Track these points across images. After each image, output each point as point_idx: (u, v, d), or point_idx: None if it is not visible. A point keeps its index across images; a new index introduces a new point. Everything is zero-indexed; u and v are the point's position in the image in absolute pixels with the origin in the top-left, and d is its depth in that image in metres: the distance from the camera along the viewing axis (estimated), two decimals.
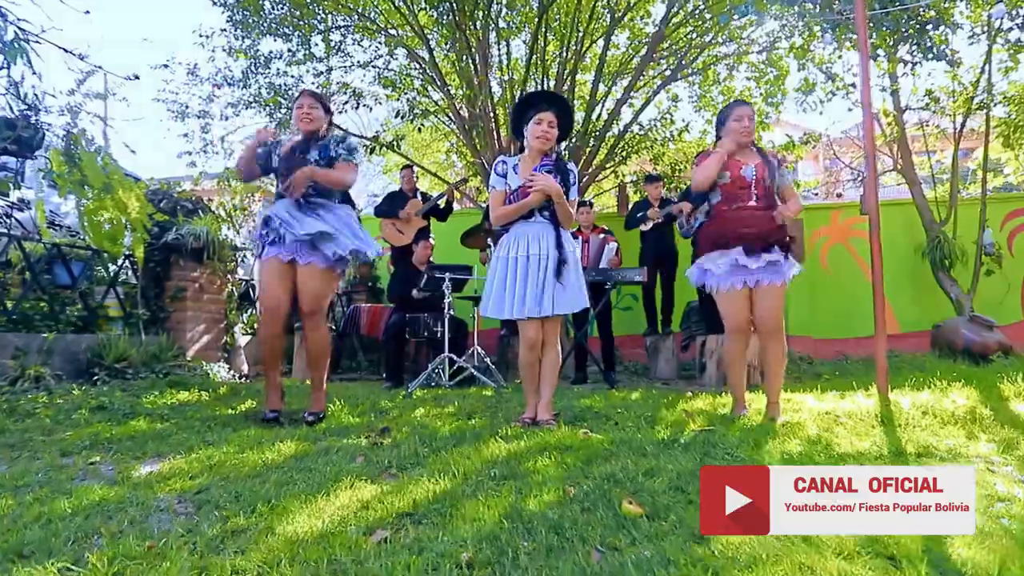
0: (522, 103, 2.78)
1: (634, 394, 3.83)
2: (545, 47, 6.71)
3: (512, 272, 2.58)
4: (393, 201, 5.35)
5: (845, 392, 3.57)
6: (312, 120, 2.80)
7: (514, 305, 2.55)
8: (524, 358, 2.65)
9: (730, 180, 2.79)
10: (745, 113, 2.77)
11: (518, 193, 2.61)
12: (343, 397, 3.59)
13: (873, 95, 12.12)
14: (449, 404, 3.34)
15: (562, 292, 2.57)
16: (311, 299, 2.72)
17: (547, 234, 2.61)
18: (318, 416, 2.77)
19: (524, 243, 2.60)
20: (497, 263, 2.65)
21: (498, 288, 2.61)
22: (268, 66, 6.49)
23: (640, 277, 4.44)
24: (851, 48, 6.48)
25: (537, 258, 2.57)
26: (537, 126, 2.62)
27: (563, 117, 2.68)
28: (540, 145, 2.63)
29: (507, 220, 2.64)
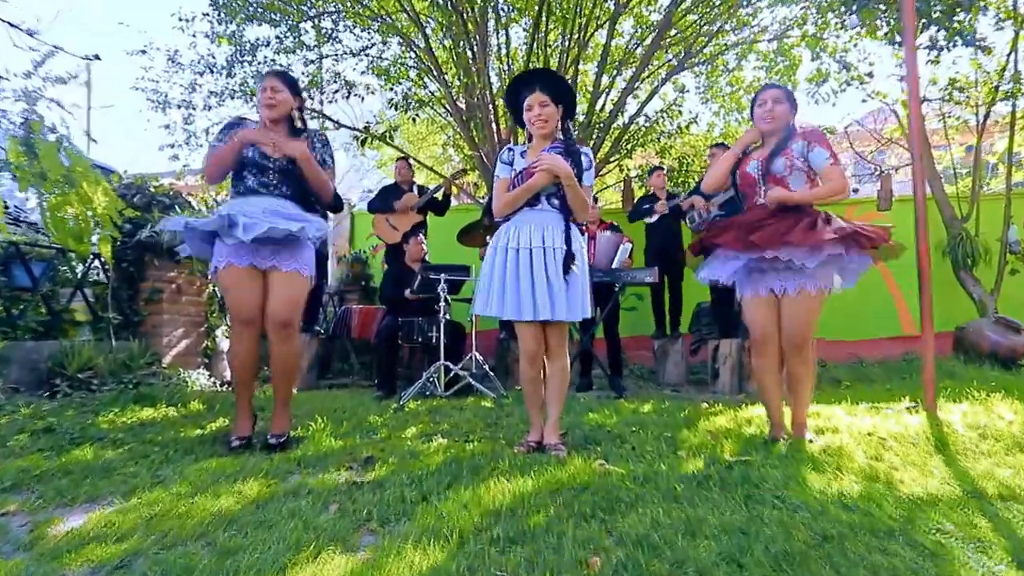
0: (512, 89, 2.44)
1: (646, 406, 3.52)
2: (546, 35, 6.37)
3: (513, 266, 2.25)
4: (387, 195, 5.02)
5: (876, 404, 3.26)
6: (276, 104, 2.45)
7: (511, 304, 2.22)
8: (525, 372, 2.33)
9: (739, 179, 2.49)
10: (768, 96, 2.44)
11: (523, 176, 2.29)
12: (328, 411, 3.28)
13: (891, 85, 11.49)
14: (444, 420, 3.03)
15: (568, 295, 2.24)
16: (289, 308, 2.40)
17: (555, 225, 2.28)
18: (280, 438, 2.41)
19: (527, 233, 2.27)
20: (495, 254, 2.31)
21: (496, 284, 2.27)
22: (254, 54, 6.13)
23: (651, 278, 4.13)
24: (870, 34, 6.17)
25: (542, 251, 2.24)
26: (529, 112, 2.31)
27: (558, 92, 2.34)
28: (539, 130, 2.31)
29: (512, 207, 2.30)
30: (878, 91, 6.53)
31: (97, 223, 3.68)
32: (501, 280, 2.26)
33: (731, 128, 7.65)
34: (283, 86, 2.48)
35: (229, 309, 2.45)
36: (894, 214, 6.25)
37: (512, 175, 2.33)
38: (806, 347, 2.43)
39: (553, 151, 2.29)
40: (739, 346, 4.51)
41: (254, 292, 2.38)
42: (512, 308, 2.21)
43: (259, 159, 2.46)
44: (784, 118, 2.45)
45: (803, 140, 2.39)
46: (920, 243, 2.78)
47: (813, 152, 2.36)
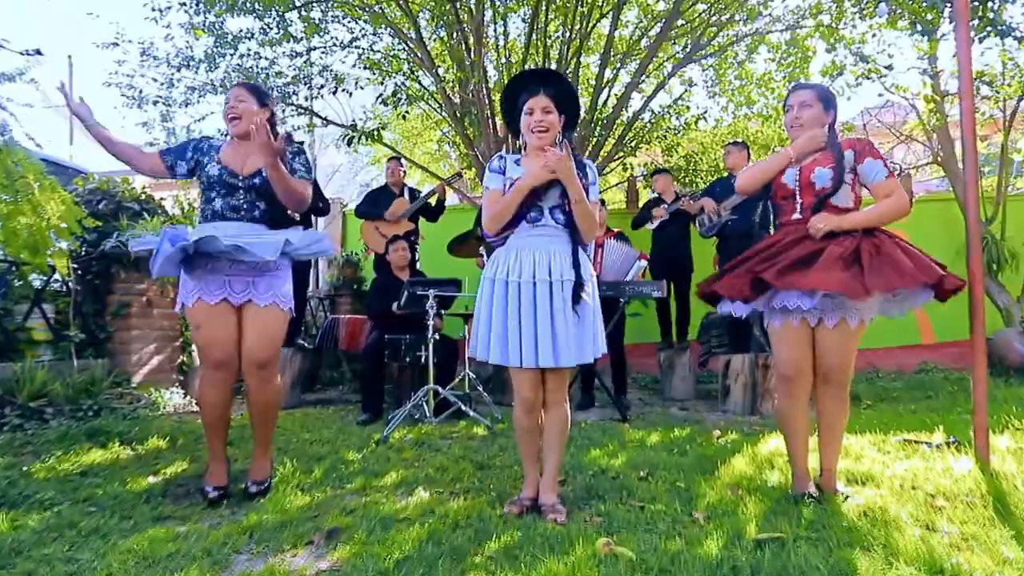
0: (510, 88, 2.11)
1: (653, 435, 3.21)
2: (546, 25, 6.00)
3: (514, 303, 1.92)
4: (377, 199, 4.69)
5: (908, 438, 2.95)
6: (239, 117, 2.20)
7: (512, 348, 1.90)
8: (520, 423, 2.02)
9: (774, 190, 2.15)
10: (795, 100, 2.11)
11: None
12: (303, 444, 2.98)
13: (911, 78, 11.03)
14: (430, 458, 2.72)
15: (577, 332, 1.93)
16: (267, 347, 2.13)
17: (561, 249, 1.96)
18: (261, 485, 2.18)
19: (530, 261, 1.94)
20: (493, 287, 1.98)
21: (498, 325, 1.95)
22: (236, 46, 5.78)
23: (658, 292, 3.80)
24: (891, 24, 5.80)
25: (547, 285, 1.92)
26: (529, 117, 1.97)
27: (564, 98, 2.02)
28: (538, 140, 1.98)
29: (504, 219, 1.96)
30: (897, 85, 6.16)
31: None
32: (502, 320, 1.94)
33: (739, 124, 7.29)
34: (249, 96, 2.23)
35: (200, 350, 2.17)
36: (914, 216, 5.89)
37: (505, 185, 2.00)
38: (846, 385, 2.12)
39: None
40: (752, 362, 4.19)
41: (227, 330, 2.10)
42: (512, 353, 1.89)
43: (227, 177, 2.18)
44: (816, 123, 2.12)
45: (851, 150, 2.06)
46: (972, 261, 2.44)
47: (864, 165, 2.04)
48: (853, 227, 2.00)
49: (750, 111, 7.14)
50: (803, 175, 2.08)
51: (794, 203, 2.10)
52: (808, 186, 2.07)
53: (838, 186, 2.02)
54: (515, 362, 1.90)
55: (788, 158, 2.08)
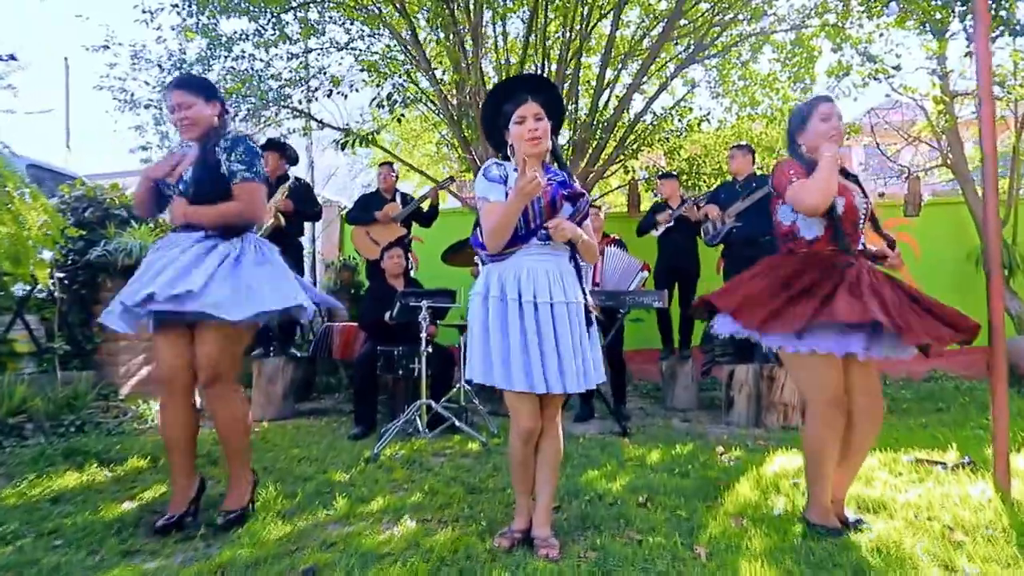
0: (494, 97, 1.96)
1: (653, 453, 3.09)
2: (546, 25, 5.88)
3: (525, 323, 1.78)
4: (367, 205, 4.58)
5: (920, 457, 2.83)
6: (190, 124, 2.02)
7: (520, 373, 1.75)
8: (517, 452, 1.89)
9: (843, 211, 1.95)
10: (835, 111, 2.00)
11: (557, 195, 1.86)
12: (289, 462, 2.88)
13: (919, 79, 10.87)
14: (420, 480, 2.61)
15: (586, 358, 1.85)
16: (214, 363, 1.97)
17: (566, 273, 1.87)
18: (231, 515, 2.03)
19: (544, 281, 1.81)
20: (488, 306, 1.83)
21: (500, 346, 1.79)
22: (230, 48, 5.67)
23: (659, 303, 3.68)
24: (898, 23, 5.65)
25: (564, 307, 1.81)
26: (519, 126, 1.85)
27: (552, 105, 1.91)
28: (532, 149, 1.86)
29: (506, 236, 1.80)
30: (906, 85, 6.02)
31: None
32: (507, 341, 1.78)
33: (743, 126, 7.15)
34: (193, 97, 2.03)
35: (156, 371, 2.05)
36: (923, 219, 5.78)
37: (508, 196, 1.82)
38: (881, 411, 2.01)
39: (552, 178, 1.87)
40: (756, 373, 4.07)
41: (176, 347, 1.97)
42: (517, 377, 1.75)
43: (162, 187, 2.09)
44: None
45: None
46: (992, 276, 2.32)
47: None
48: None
49: (754, 112, 7.00)
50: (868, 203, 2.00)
51: (859, 233, 2.02)
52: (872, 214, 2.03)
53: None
54: (521, 386, 1.76)
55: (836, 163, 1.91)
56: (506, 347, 1.78)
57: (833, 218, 1.95)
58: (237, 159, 2.05)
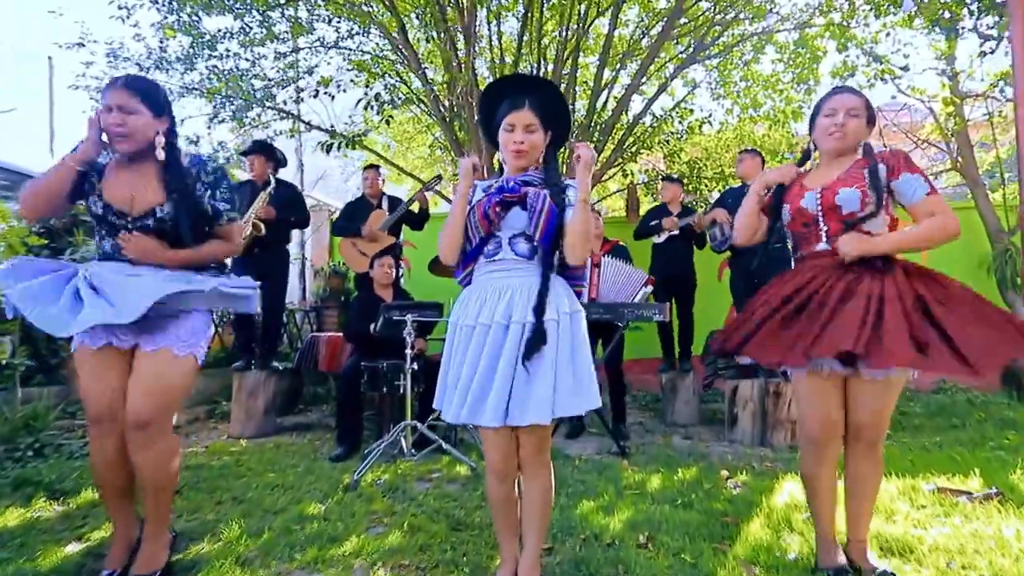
0: (488, 96, 1.77)
1: (654, 479, 2.88)
2: (542, 23, 5.68)
3: (475, 350, 1.59)
4: (353, 212, 4.36)
5: (943, 486, 2.62)
6: (122, 134, 1.67)
7: (472, 405, 1.55)
8: (493, 492, 1.69)
9: (790, 217, 1.84)
10: (841, 104, 1.78)
11: (485, 207, 1.63)
12: (262, 489, 2.66)
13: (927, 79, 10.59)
14: (402, 512, 2.40)
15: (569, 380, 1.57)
16: (150, 403, 1.68)
17: (521, 286, 1.62)
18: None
19: (489, 301, 1.62)
20: (455, 333, 1.67)
21: (453, 372, 1.64)
22: (214, 47, 5.46)
23: (660, 316, 3.47)
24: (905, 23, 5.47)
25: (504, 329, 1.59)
26: (508, 134, 1.66)
27: (552, 112, 1.69)
28: (516, 161, 1.67)
29: (454, 243, 1.66)
30: (913, 86, 5.83)
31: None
32: (458, 370, 1.62)
33: (745, 128, 6.96)
34: (137, 103, 1.68)
35: (82, 402, 1.79)
36: None
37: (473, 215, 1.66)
38: (881, 443, 1.80)
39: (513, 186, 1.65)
40: (761, 388, 3.86)
41: (105, 380, 1.72)
42: (471, 408, 1.56)
43: (110, 216, 1.71)
44: (857, 136, 1.80)
45: (882, 164, 1.75)
46: None
47: (901, 181, 1.72)
48: (890, 251, 1.69)
49: (756, 114, 6.80)
50: (825, 198, 1.77)
51: (818, 230, 1.78)
52: (832, 210, 1.75)
53: (878, 208, 1.71)
54: (472, 419, 1.56)
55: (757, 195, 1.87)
56: (456, 375, 1.61)
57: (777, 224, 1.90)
58: (223, 197, 1.83)
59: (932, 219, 1.69)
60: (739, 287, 4.26)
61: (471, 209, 1.66)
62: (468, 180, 1.68)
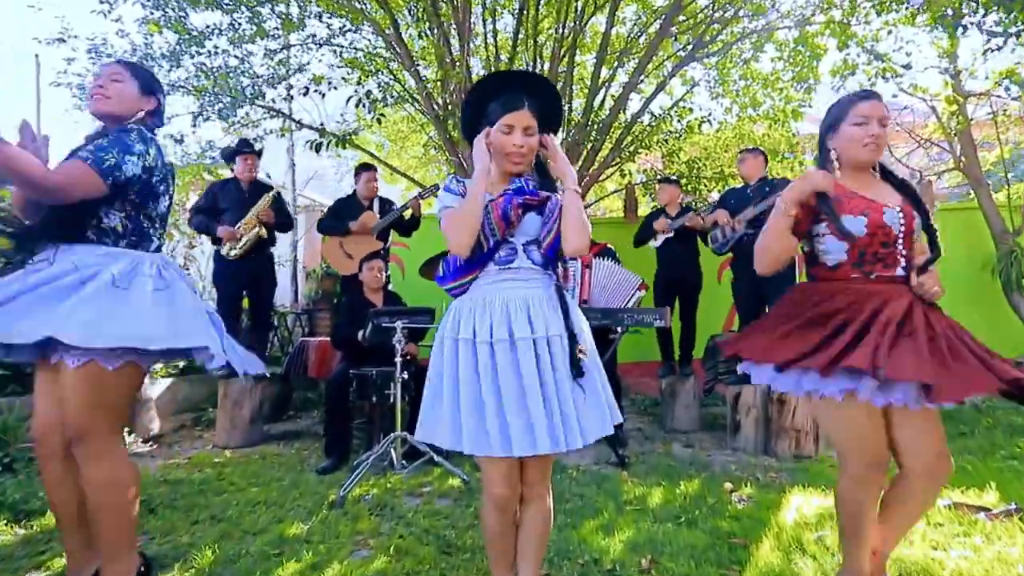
0: (477, 92, 1.61)
1: (655, 494, 2.76)
2: (537, 20, 5.55)
3: (471, 368, 1.44)
4: (341, 212, 4.21)
5: (958, 500, 2.50)
6: (102, 95, 1.67)
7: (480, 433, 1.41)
8: (491, 523, 1.55)
9: (867, 231, 1.59)
10: (875, 113, 1.61)
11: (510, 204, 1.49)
12: (240, 509, 2.52)
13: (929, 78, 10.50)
14: (390, 532, 2.27)
15: (584, 405, 1.45)
16: (81, 417, 1.55)
17: (540, 297, 1.49)
18: None
19: (501, 314, 1.46)
20: (443, 349, 1.51)
21: (449, 398, 1.47)
22: (202, 43, 5.31)
23: (660, 321, 3.35)
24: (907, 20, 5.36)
25: (529, 344, 1.44)
26: (506, 137, 1.51)
27: (549, 113, 1.57)
28: (514, 166, 1.54)
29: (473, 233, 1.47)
30: (916, 85, 5.72)
31: None
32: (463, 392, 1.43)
33: (745, 128, 6.84)
34: (128, 75, 1.72)
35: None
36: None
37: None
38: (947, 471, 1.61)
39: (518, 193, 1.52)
40: (764, 394, 3.74)
41: (44, 398, 1.61)
42: (479, 438, 1.40)
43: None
44: (885, 148, 1.68)
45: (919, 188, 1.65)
46: None
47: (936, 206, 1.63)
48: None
49: (755, 113, 6.69)
50: (909, 219, 1.61)
51: (896, 253, 1.60)
52: (910, 234, 1.61)
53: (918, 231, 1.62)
54: (483, 450, 1.41)
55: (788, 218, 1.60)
56: (456, 398, 1.44)
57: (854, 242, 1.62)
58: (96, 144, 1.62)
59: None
60: (742, 289, 4.14)
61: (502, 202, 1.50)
62: (487, 163, 1.51)
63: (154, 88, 1.77)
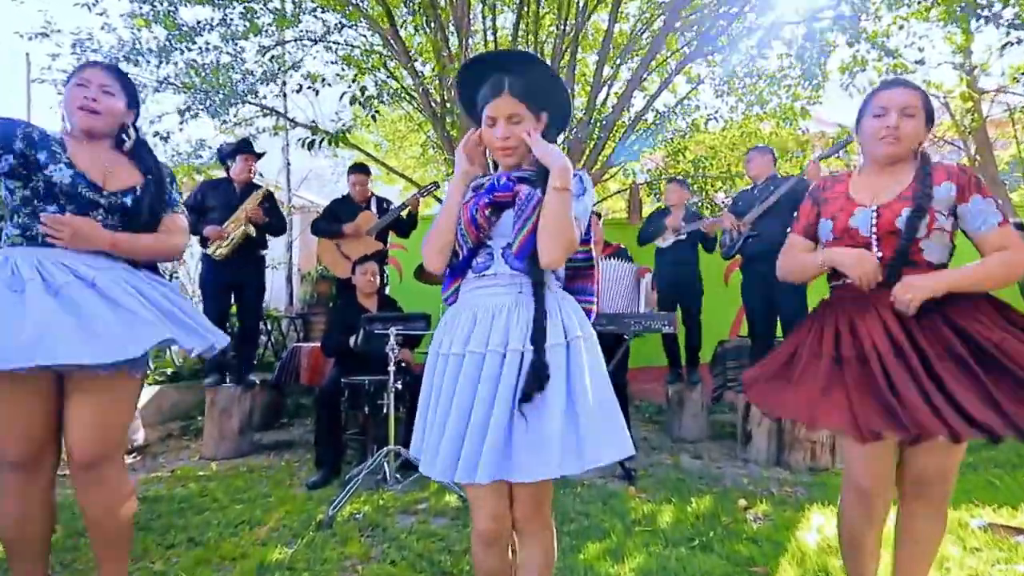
0: (464, 83, 1.42)
1: (666, 511, 2.58)
2: (539, 16, 5.39)
3: (466, 386, 1.26)
4: (336, 213, 4.03)
5: (979, 505, 2.33)
6: (100, 110, 1.55)
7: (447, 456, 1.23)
8: (480, 561, 1.37)
9: (833, 237, 1.51)
10: (895, 102, 1.44)
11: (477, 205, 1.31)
12: (220, 531, 2.34)
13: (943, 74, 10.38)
14: (380, 557, 2.10)
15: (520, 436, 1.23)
16: (102, 438, 1.42)
17: (519, 305, 1.31)
18: None
19: (478, 325, 1.30)
20: (437, 365, 1.35)
21: (425, 411, 1.35)
22: (193, 39, 5.15)
23: (668, 327, 3.17)
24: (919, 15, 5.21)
25: (499, 358, 1.26)
26: (490, 129, 1.34)
27: (540, 91, 1.36)
28: (504, 159, 1.36)
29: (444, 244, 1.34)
30: (929, 81, 5.56)
31: None
32: (432, 407, 1.31)
33: (751, 126, 6.67)
34: (118, 87, 1.60)
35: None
36: None
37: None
38: (947, 499, 1.49)
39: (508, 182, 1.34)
40: None
41: (30, 413, 1.41)
42: (444, 463, 1.23)
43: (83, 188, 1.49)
44: (914, 140, 1.48)
45: (949, 182, 1.43)
46: None
47: (970, 204, 1.42)
48: (951, 289, 1.37)
49: (762, 111, 6.52)
50: (883, 218, 1.43)
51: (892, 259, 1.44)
52: (891, 235, 1.43)
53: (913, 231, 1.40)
54: (441, 473, 1.23)
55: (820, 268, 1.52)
56: (432, 416, 1.31)
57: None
58: (175, 189, 1.72)
59: (999, 255, 1.39)
60: (751, 293, 3.96)
61: (478, 199, 1.33)
62: (466, 168, 1.36)
63: (136, 102, 1.69)
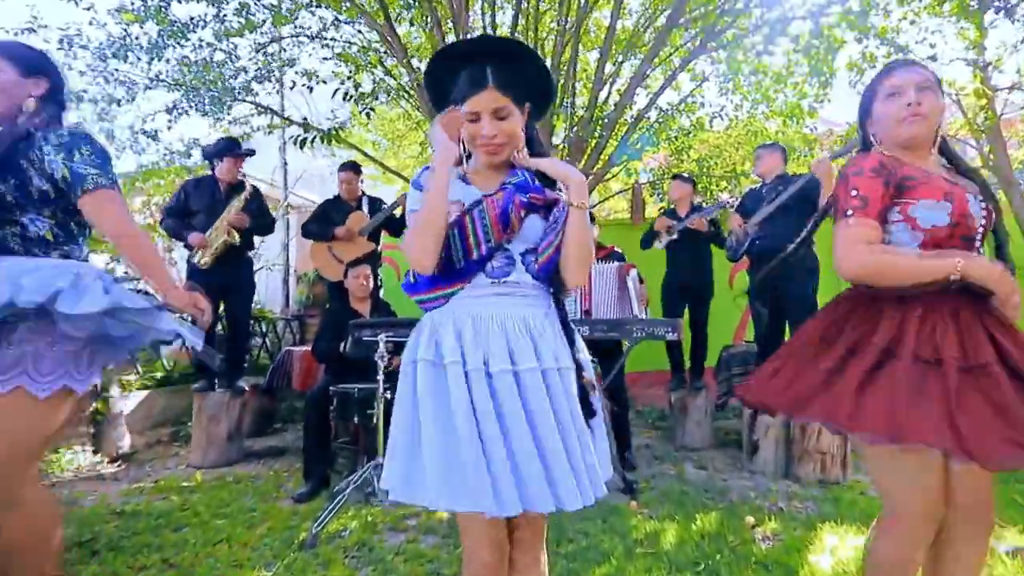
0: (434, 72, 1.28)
1: (668, 531, 2.44)
2: (539, 13, 5.25)
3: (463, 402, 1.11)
4: (326, 215, 3.91)
5: (1001, 525, 2.19)
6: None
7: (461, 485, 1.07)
8: None
9: (950, 220, 1.25)
10: (909, 79, 1.30)
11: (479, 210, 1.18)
12: (196, 550, 2.22)
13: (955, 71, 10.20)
14: None
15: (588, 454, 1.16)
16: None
17: (540, 323, 1.19)
18: None
19: (479, 338, 1.15)
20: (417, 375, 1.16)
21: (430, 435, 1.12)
22: (186, 35, 5.03)
23: (672, 334, 3.02)
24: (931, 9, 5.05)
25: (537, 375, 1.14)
26: (473, 125, 1.19)
27: (524, 81, 1.21)
28: (491, 156, 1.21)
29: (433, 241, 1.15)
30: (941, 78, 5.39)
31: None
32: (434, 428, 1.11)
33: (756, 124, 6.52)
34: (4, 61, 1.44)
35: None
36: None
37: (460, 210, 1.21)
38: (992, 524, 1.35)
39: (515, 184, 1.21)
40: None
41: None
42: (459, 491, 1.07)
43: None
44: (938, 115, 1.34)
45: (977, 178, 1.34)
46: None
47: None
48: None
49: (768, 109, 6.37)
50: (990, 214, 1.32)
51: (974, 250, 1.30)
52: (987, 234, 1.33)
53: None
54: (465, 505, 1.08)
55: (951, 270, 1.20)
56: (441, 441, 1.10)
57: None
58: (85, 160, 1.44)
59: None
60: (758, 297, 3.81)
61: (472, 207, 1.19)
62: (449, 144, 1.19)
63: (42, 65, 1.50)
